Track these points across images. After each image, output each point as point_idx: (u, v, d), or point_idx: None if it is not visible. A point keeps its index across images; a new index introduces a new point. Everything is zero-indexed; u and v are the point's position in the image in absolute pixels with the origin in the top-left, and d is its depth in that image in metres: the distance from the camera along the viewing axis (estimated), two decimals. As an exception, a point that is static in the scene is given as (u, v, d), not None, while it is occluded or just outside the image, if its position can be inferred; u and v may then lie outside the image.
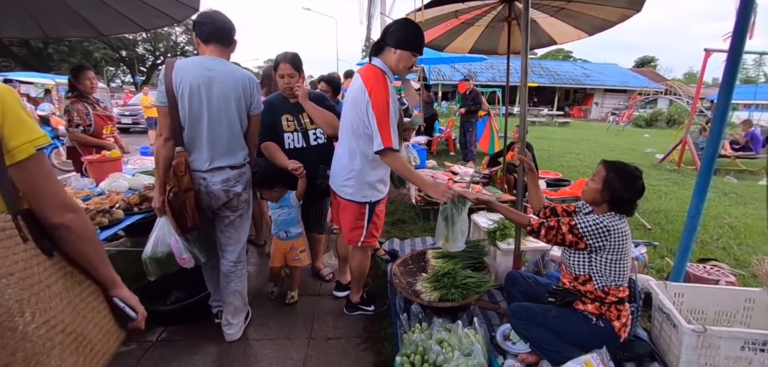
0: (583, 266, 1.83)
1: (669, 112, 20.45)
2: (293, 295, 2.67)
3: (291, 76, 2.36)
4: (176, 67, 1.86)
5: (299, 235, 2.59)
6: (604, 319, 1.81)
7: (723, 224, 4.24)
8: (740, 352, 1.75)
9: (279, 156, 2.40)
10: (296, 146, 2.47)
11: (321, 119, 2.44)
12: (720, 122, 2.26)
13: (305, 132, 2.48)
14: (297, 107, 2.45)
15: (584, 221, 1.77)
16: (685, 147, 7.73)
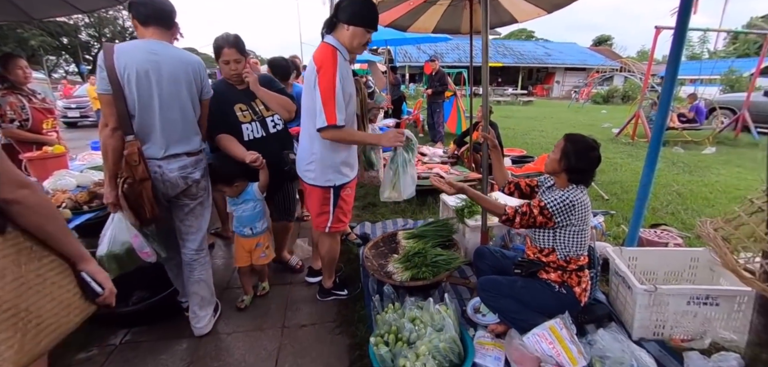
0: (548, 240, 1.91)
1: (624, 89, 21.51)
2: (264, 286, 2.58)
3: (237, 62, 2.19)
4: (117, 51, 1.74)
5: (265, 230, 2.43)
6: (566, 286, 1.90)
7: (671, 191, 4.56)
8: (686, 306, 1.90)
9: (235, 148, 2.19)
10: (256, 137, 2.29)
11: (276, 104, 2.33)
12: (668, 96, 2.40)
13: (262, 120, 2.32)
14: (249, 95, 2.29)
15: (551, 199, 1.82)
16: (638, 121, 8.19)
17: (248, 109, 2.28)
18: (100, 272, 1.14)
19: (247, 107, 2.28)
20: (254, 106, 2.31)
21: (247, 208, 2.33)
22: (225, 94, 2.25)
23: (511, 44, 31.00)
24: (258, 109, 2.32)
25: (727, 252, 1.53)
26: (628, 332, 1.98)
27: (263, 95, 2.29)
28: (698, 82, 13.37)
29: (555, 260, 1.91)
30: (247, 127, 2.27)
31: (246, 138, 2.26)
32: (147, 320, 2.31)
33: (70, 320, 1.06)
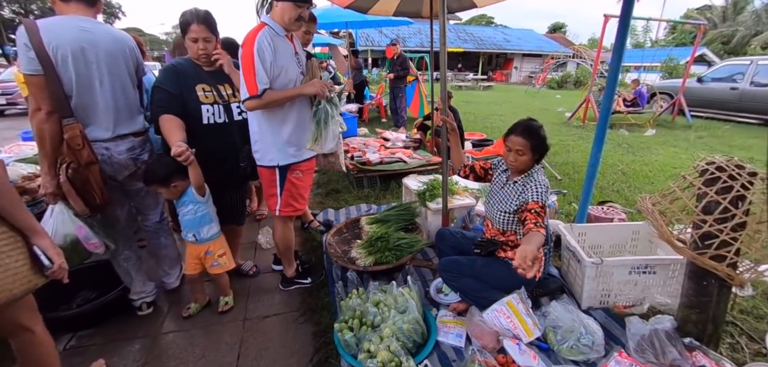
0: (511, 225, 1.98)
1: (576, 75, 22.65)
2: (227, 300, 2.29)
3: (207, 41, 1.97)
4: (43, 28, 1.59)
5: (215, 236, 2.14)
6: None
7: (617, 170, 4.89)
8: (628, 276, 2.06)
9: (173, 134, 1.88)
10: (217, 121, 2.07)
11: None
12: (613, 82, 2.54)
13: (227, 105, 2.10)
14: (215, 77, 2.08)
15: (541, 193, 1.87)
16: (588, 105, 8.66)
17: (212, 91, 2.05)
18: (53, 247, 1.24)
19: (211, 88, 2.05)
20: (220, 90, 2.09)
21: (187, 211, 2.03)
22: (187, 71, 2.02)
23: (472, 29, 31.52)
24: (225, 92, 2.10)
25: (663, 225, 1.67)
26: (578, 303, 2.12)
27: (237, 78, 2.05)
28: (641, 68, 14.33)
29: (514, 239, 1.99)
30: (208, 109, 2.04)
31: (205, 121, 2.04)
32: (94, 322, 2.16)
33: (15, 288, 1.16)
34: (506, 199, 1.99)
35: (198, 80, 2.02)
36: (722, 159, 1.59)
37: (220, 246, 2.17)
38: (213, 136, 2.05)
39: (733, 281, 1.56)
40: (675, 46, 22.61)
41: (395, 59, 7.35)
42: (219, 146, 2.09)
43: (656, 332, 1.71)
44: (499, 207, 2.01)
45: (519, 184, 1.96)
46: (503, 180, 2.07)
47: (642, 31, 30.60)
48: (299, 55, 2.11)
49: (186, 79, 2.00)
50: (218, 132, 2.08)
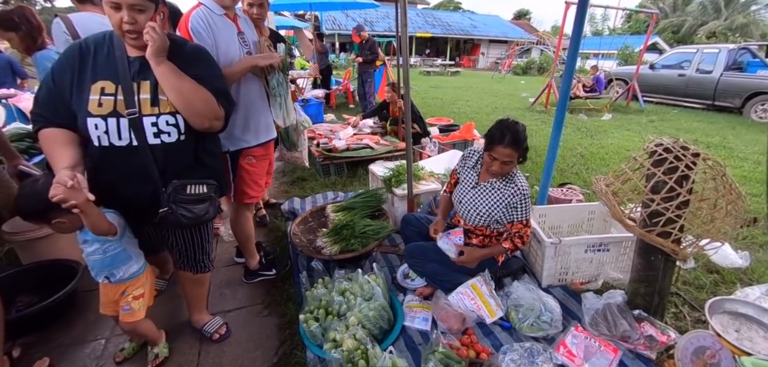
0: (486, 223, 1.99)
1: (540, 61, 23.34)
2: (157, 352, 1.77)
3: (136, 8, 1.26)
4: (75, 22, 1.67)
5: (136, 273, 1.56)
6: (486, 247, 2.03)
7: (576, 153, 5.10)
8: (584, 254, 2.15)
9: (58, 158, 1.27)
10: (113, 144, 1.32)
11: (184, 98, 1.36)
12: (571, 67, 2.61)
13: (137, 120, 1.32)
14: (137, 67, 1.35)
15: (525, 208, 1.89)
16: (550, 91, 8.96)
17: (115, 95, 1.30)
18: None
19: (115, 89, 1.31)
20: (131, 92, 1.32)
21: (92, 251, 1.43)
22: (95, 55, 1.33)
23: (440, 14, 31.61)
24: (138, 97, 1.33)
25: (616, 204, 1.74)
26: (538, 282, 2.20)
27: (165, 75, 1.33)
28: (600, 55, 14.99)
29: (483, 230, 2.02)
30: (96, 125, 1.29)
31: (95, 143, 1.31)
32: (37, 327, 1.99)
33: None
34: (484, 202, 1.95)
35: (98, 73, 1.31)
36: (669, 141, 1.68)
37: (139, 285, 1.58)
38: (109, 169, 1.36)
39: (678, 255, 1.66)
40: (631, 35, 23.80)
41: (364, 43, 7.25)
42: (120, 186, 1.40)
43: (609, 306, 1.80)
44: (476, 209, 1.97)
45: (500, 189, 1.92)
46: (474, 179, 2.03)
47: (600, 19, 31.96)
48: (244, 34, 1.98)
49: (80, 72, 1.31)
50: (117, 162, 1.35)
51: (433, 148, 4.27)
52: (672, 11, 29.80)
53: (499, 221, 1.96)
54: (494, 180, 1.94)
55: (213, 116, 1.42)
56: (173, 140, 1.38)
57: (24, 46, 2.23)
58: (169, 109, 1.35)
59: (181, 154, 1.43)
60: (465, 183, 2.07)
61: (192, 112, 1.37)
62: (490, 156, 1.84)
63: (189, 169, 1.46)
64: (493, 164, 1.84)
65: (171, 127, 1.37)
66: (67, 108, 1.30)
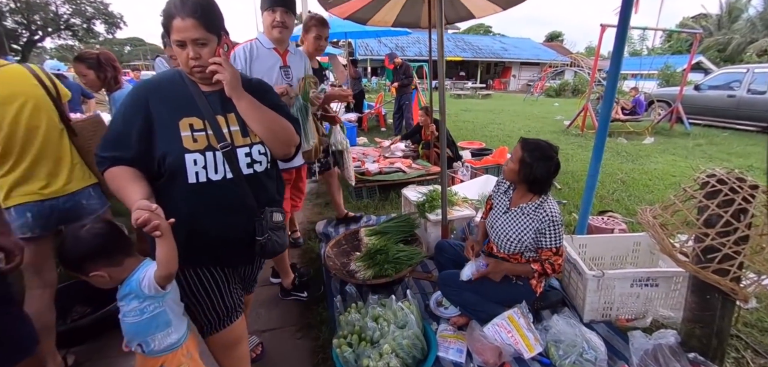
0: (519, 250, 1.95)
1: (574, 83, 22.78)
2: None
3: (200, 43, 1.19)
4: None
5: (175, 345, 1.28)
6: (522, 278, 1.97)
7: (616, 179, 4.88)
8: (630, 289, 2.03)
9: (130, 190, 1.17)
10: (211, 179, 1.26)
11: (266, 127, 1.34)
12: (612, 90, 2.54)
13: (231, 152, 1.28)
14: (217, 102, 1.30)
15: (556, 235, 1.85)
16: (586, 114, 8.69)
17: (205, 130, 1.26)
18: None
19: (204, 124, 1.26)
20: (218, 126, 1.28)
21: (129, 310, 1.21)
22: (169, 93, 1.28)
23: (470, 38, 31.75)
24: (227, 129, 1.29)
25: (665, 237, 1.65)
26: (579, 316, 2.09)
27: (249, 109, 1.30)
28: (639, 76, 14.42)
29: (518, 258, 1.97)
30: (195, 160, 1.23)
31: (192, 179, 1.24)
32: (90, 336, 2.13)
33: None
34: (515, 228, 1.93)
35: (184, 109, 1.26)
36: (723, 171, 1.58)
37: (177, 361, 1.29)
38: (204, 205, 1.27)
39: (737, 295, 1.54)
40: (671, 54, 22.79)
41: (398, 69, 7.46)
42: (215, 220, 1.30)
43: (660, 347, 1.69)
44: (506, 235, 1.96)
45: (529, 214, 1.90)
46: (506, 204, 2.03)
47: (638, 39, 30.89)
48: (289, 68, 2.08)
49: (164, 107, 1.25)
50: (213, 197, 1.28)
51: (465, 172, 4.23)
52: (717, 29, 28.32)
53: (531, 248, 1.92)
54: (525, 205, 1.92)
55: (293, 143, 1.43)
56: (263, 169, 1.37)
57: (99, 85, 2.39)
58: (258, 139, 1.33)
59: (269, 183, 1.42)
60: (497, 209, 2.07)
61: (276, 141, 1.37)
62: (510, 159, 1.96)
63: (272, 198, 1.44)
64: (507, 162, 1.97)
65: (262, 156, 1.35)
66: (136, 148, 1.21)
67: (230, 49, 1.31)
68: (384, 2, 3.73)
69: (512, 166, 1.93)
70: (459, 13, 3.92)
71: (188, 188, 1.24)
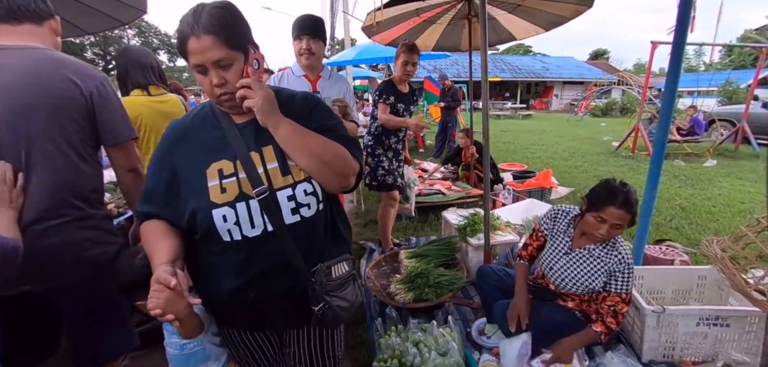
0: (586, 292, 1.82)
1: (622, 102, 21.66)
2: None
3: (222, 65, 0.92)
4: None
5: None
6: (583, 313, 1.86)
7: (674, 205, 4.53)
8: (696, 327, 1.86)
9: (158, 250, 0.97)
10: (247, 235, 0.99)
11: (316, 158, 1.02)
12: (668, 110, 2.40)
13: (269, 198, 0.98)
14: (251, 134, 1.02)
15: (627, 279, 1.72)
16: (637, 134, 8.20)
17: (236, 174, 0.98)
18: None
19: (234, 167, 0.99)
20: (253, 165, 0.99)
21: (171, 342, 1.12)
22: (198, 135, 1.03)
23: (509, 59, 31.28)
24: (264, 169, 1.00)
25: (736, 273, 1.51)
26: (637, 355, 1.93)
27: (289, 137, 1.00)
28: (696, 94, 13.45)
29: (580, 296, 1.87)
30: (225, 216, 0.97)
31: (225, 239, 0.99)
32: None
33: None
34: (582, 272, 1.79)
35: (214, 152, 1.00)
36: (806, 201, 1.43)
37: None
38: (242, 268, 1.01)
39: (829, 341, 1.36)
40: (733, 70, 21.08)
41: (446, 90, 7.56)
42: (256, 286, 1.04)
43: (734, 395, 1.52)
44: (571, 278, 1.81)
45: (600, 257, 1.76)
46: (567, 244, 1.87)
47: (694, 54, 28.89)
48: (320, 93, 2.14)
49: (191, 154, 1.01)
50: (251, 258, 1.01)
51: (507, 195, 4.13)
52: (788, 42, 25.90)
53: (599, 290, 1.78)
54: (592, 247, 1.78)
55: (350, 173, 1.07)
56: (313, 213, 1.03)
57: None
58: (303, 175, 1.01)
59: (321, 229, 1.08)
60: (556, 249, 1.90)
61: (328, 173, 1.02)
62: (596, 218, 1.67)
63: (328, 246, 1.10)
64: (599, 227, 1.67)
65: (310, 197, 1.02)
66: (165, 203, 1.01)
67: (262, 65, 1.01)
68: (424, 28, 3.82)
69: (610, 232, 1.67)
70: (500, 36, 3.92)
71: (222, 247, 1.00)
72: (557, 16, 3.35)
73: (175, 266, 0.94)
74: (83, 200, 1.25)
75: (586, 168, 6.88)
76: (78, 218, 1.23)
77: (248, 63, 0.95)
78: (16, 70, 1.12)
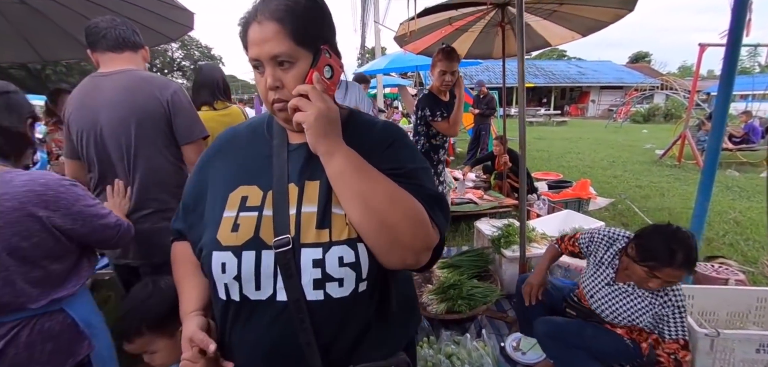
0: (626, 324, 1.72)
1: (666, 107, 20.49)
2: None
3: (286, 63, 0.69)
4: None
5: None
6: (633, 342, 1.74)
7: (728, 219, 4.21)
8: (756, 355, 1.71)
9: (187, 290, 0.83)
10: (249, 296, 0.70)
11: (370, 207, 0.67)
12: (721, 117, 2.25)
13: (289, 257, 0.68)
14: (299, 161, 0.76)
15: (681, 322, 1.55)
16: (684, 142, 7.71)
17: (259, 210, 0.73)
18: None
19: (260, 201, 0.74)
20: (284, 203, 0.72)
21: None
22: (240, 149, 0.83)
23: (542, 64, 30.44)
24: (294, 210, 0.72)
25: (805, 297, 1.38)
26: (687, 380, 1.81)
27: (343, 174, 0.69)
28: (750, 98, 12.47)
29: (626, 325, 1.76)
30: (224, 265, 0.70)
31: (220, 295, 0.73)
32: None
33: None
34: (624, 306, 1.67)
35: (246, 174, 0.78)
36: None
37: None
38: (237, 339, 0.75)
39: None
40: (795, 71, 19.40)
41: (481, 98, 7.51)
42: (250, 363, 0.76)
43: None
44: (612, 310, 1.70)
45: (643, 297, 1.63)
46: (610, 275, 1.73)
47: (748, 56, 26.86)
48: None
49: (222, 172, 0.81)
50: (252, 330, 0.73)
51: (542, 206, 4.00)
52: None
53: (646, 326, 1.65)
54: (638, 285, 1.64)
55: (422, 245, 0.71)
56: (346, 294, 0.70)
57: None
58: (346, 234, 0.69)
59: (361, 314, 0.73)
60: (597, 277, 1.77)
61: (388, 239, 0.68)
62: (647, 271, 1.51)
63: (370, 339, 0.75)
64: (650, 282, 1.53)
65: (346, 269, 0.69)
66: (190, 221, 0.83)
67: (337, 75, 0.74)
68: (456, 37, 3.80)
69: (662, 285, 1.53)
70: (534, 43, 3.84)
71: (220, 307, 0.75)
72: (596, 21, 3.24)
73: (208, 313, 0.79)
74: (168, 193, 1.51)
75: (627, 178, 6.53)
76: (161, 209, 1.50)
77: (316, 67, 0.70)
78: (118, 90, 1.42)
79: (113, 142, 1.43)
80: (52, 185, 1.04)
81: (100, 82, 1.45)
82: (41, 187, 1.02)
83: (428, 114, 2.56)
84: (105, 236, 1.18)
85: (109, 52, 1.47)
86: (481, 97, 7.52)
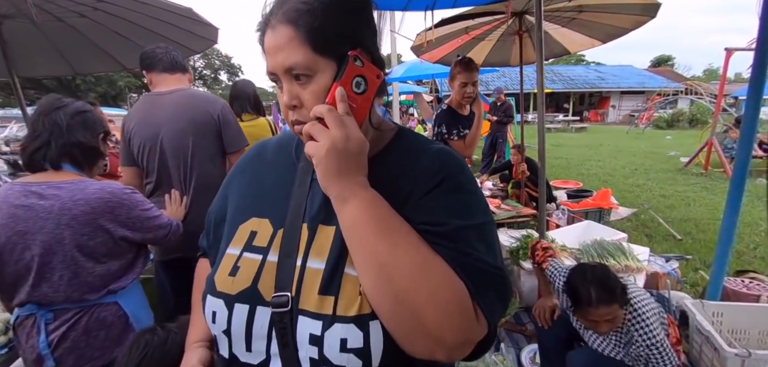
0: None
1: (691, 112, 19.85)
2: None
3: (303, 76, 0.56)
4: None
5: None
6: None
7: (759, 231, 4.03)
8: (791, 376, 1.64)
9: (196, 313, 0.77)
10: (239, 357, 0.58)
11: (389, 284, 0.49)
12: (751, 123, 2.17)
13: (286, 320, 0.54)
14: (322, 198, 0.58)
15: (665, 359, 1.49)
16: (711, 149, 7.45)
17: (265, 251, 0.60)
18: None
19: (269, 240, 0.61)
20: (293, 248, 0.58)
21: None
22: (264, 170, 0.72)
23: (560, 69, 29.94)
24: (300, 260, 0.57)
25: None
26: (717, 401, 1.74)
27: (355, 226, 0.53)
28: (782, 103, 11.97)
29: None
30: (214, 314, 0.59)
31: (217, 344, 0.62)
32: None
33: None
34: (617, 352, 1.63)
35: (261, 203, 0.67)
36: None
37: None
38: None
39: None
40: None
41: (498, 105, 7.47)
42: None
43: None
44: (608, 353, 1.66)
45: (613, 344, 1.62)
46: (588, 333, 1.71)
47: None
48: None
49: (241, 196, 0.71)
50: None
51: (561, 216, 3.93)
52: None
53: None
54: (611, 334, 1.61)
55: (456, 339, 0.50)
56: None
57: None
58: (356, 308, 0.52)
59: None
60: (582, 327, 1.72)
61: (408, 324, 0.50)
62: (589, 321, 1.53)
63: None
64: (598, 326, 1.52)
65: (350, 356, 0.52)
66: (210, 241, 0.77)
67: (373, 87, 0.59)
68: (473, 46, 3.81)
69: (612, 325, 1.52)
70: (553, 50, 3.81)
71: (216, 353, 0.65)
72: (617, 28, 3.20)
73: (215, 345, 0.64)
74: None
75: (651, 187, 6.34)
76: None
77: (341, 80, 0.55)
78: (177, 106, 1.65)
79: (172, 152, 1.64)
80: (117, 193, 1.23)
81: (158, 100, 1.67)
82: (109, 194, 1.20)
83: (445, 132, 2.47)
84: (158, 235, 1.37)
85: (164, 73, 1.71)
86: (499, 105, 7.45)
